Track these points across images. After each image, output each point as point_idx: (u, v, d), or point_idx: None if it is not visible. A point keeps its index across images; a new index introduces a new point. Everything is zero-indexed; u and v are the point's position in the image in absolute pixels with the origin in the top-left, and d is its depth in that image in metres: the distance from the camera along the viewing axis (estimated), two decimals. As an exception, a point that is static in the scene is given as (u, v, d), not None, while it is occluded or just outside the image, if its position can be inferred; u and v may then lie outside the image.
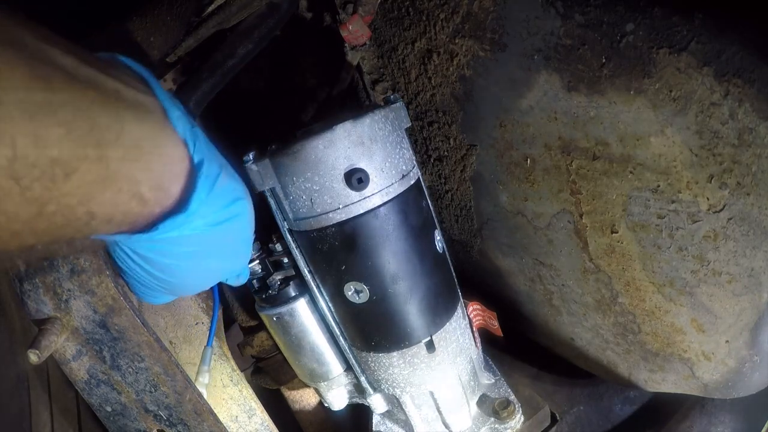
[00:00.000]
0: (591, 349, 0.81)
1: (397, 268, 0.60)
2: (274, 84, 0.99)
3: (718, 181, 0.57)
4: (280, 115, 1.00)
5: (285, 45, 0.87)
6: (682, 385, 0.73)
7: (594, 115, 0.62)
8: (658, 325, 0.69)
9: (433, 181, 0.88)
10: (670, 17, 0.55)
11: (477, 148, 0.77)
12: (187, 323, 0.72)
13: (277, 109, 1.01)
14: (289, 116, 0.98)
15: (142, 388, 0.63)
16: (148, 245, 0.46)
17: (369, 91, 0.87)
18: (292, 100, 1.00)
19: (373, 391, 0.74)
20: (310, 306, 0.69)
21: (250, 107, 0.97)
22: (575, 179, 0.67)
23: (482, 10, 0.68)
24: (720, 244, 0.59)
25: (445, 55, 0.74)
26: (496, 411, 0.74)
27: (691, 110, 0.56)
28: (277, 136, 0.63)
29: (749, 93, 0.53)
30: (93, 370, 0.61)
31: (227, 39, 0.72)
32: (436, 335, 0.66)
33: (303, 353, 0.72)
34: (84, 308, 0.58)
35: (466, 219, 0.87)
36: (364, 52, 0.84)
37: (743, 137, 0.54)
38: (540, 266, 0.79)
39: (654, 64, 0.56)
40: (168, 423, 0.65)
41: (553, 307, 0.82)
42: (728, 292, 0.61)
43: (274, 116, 1.00)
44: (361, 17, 0.77)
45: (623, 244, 0.67)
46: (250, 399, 0.77)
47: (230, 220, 0.50)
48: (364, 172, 0.56)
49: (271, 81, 0.98)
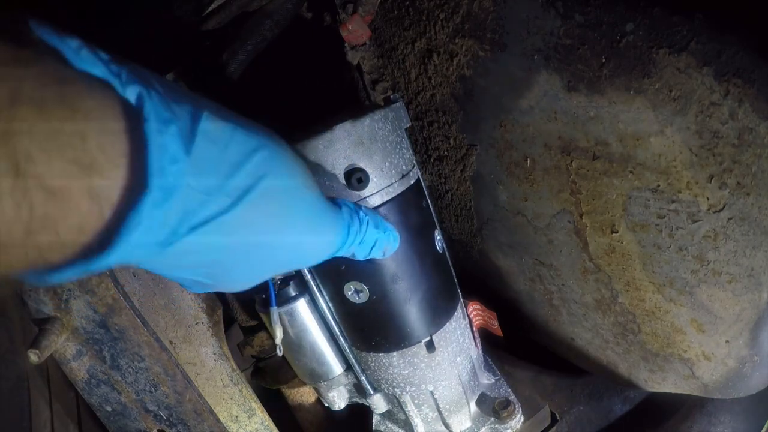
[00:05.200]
0: (591, 349, 0.81)
1: (397, 268, 0.60)
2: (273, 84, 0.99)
3: (718, 181, 0.57)
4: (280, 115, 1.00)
5: (285, 45, 0.87)
6: (682, 385, 0.73)
7: (594, 115, 0.62)
8: (658, 325, 0.69)
9: (433, 181, 0.88)
10: (670, 17, 0.55)
11: (477, 148, 0.77)
12: (187, 323, 0.72)
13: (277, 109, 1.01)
14: (288, 116, 0.98)
15: (142, 388, 0.63)
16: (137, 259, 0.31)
17: (369, 91, 0.87)
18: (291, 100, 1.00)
19: (373, 391, 0.74)
20: (310, 306, 0.69)
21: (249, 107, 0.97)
22: (575, 179, 0.67)
23: (482, 9, 0.68)
24: (720, 244, 0.59)
25: (445, 55, 0.74)
26: (496, 411, 0.74)
27: (691, 110, 0.56)
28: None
29: (749, 93, 0.52)
30: (93, 370, 0.61)
31: (249, 21, 0.72)
32: (436, 335, 0.66)
33: (303, 353, 0.72)
34: (84, 308, 0.58)
35: (466, 219, 0.87)
36: (364, 52, 0.84)
37: (743, 137, 0.54)
38: (540, 266, 0.79)
39: (654, 64, 0.56)
40: (168, 423, 0.65)
41: (553, 307, 0.82)
42: (728, 292, 0.61)
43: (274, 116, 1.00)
44: (361, 17, 0.77)
45: (623, 244, 0.67)
46: (250, 399, 0.77)
47: (254, 189, 0.32)
48: (364, 171, 0.56)
49: (270, 81, 0.98)
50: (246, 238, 0.35)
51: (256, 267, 0.40)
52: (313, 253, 0.45)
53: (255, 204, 0.33)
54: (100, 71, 0.28)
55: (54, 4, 0.64)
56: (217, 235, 0.32)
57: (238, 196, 0.32)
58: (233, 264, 0.37)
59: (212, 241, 0.32)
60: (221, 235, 0.32)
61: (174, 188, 0.28)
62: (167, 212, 0.29)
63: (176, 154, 0.28)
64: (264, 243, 0.37)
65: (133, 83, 0.28)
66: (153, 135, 0.27)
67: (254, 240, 0.35)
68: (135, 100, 0.28)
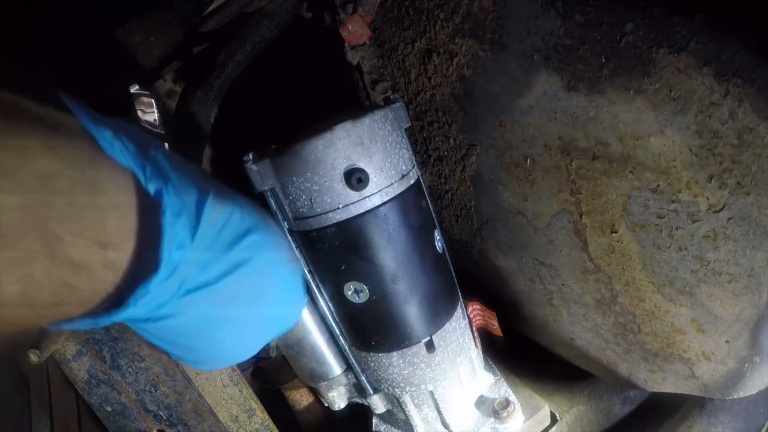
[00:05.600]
0: (591, 349, 0.81)
1: (397, 268, 0.60)
2: (273, 84, 0.99)
3: (718, 181, 0.57)
4: (280, 115, 1.00)
5: (285, 45, 0.88)
6: (682, 385, 0.73)
7: (594, 114, 0.62)
8: (658, 325, 0.69)
9: (433, 181, 0.88)
10: (670, 17, 0.55)
11: (477, 148, 0.77)
12: (187, 323, 0.72)
13: (277, 109, 1.01)
14: (288, 116, 0.98)
15: (142, 388, 0.63)
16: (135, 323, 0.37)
17: (369, 91, 0.87)
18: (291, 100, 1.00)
19: (373, 391, 0.74)
20: (310, 306, 0.69)
21: (249, 107, 0.97)
22: (575, 179, 0.67)
23: (482, 9, 0.68)
24: (720, 244, 0.59)
25: (444, 55, 0.74)
26: (496, 411, 0.74)
27: (690, 110, 0.56)
28: (276, 136, 0.63)
29: (749, 93, 0.52)
30: (93, 370, 0.61)
31: (248, 22, 0.72)
32: (436, 335, 0.66)
33: (303, 353, 0.72)
34: (84, 308, 0.58)
35: (466, 219, 0.87)
36: (364, 52, 0.84)
37: (743, 137, 0.54)
38: (540, 266, 0.79)
39: (654, 64, 0.56)
40: (168, 423, 0.65)
41: (553, 307, 0.82)
42: (728, 292, 0.61)
43: (274, 116, 1.00)
44: (361, 17, 0.77)
45: (623, 243, 0.67)
46: (250, 399, 0.77)
47: (243, 266, 0.38)
48: (364, 171, 0.56)
49: (270, 81, 0.98)
50: (233, 307, 0.40)
51: (237, 338, 0.45)
52: (286, 322, 0.52)
53: (243, 276, 0.39)
54: (126, 161, 0.33)
55: (54, 4, 0.65)
56: (207, 302, 0.37)
57: (228, 269, 0.38)
58: (217, 333, 0.41)
59: (201, 306, 0.37)
60: (210, 302, 0.38)
61: (178, 266, 0.34)
62: (169, 284, 0.34)
63: (183, 241, 0.34)
64: (247, 313, 0.43)
65: (155, 178, 0.34)
66: (167, 226, 0.33)
67: (240, 310, 0.41)
68: (154, 192, 0.34)
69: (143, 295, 0.33)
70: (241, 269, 0.39)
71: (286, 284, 0.47)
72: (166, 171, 0.35)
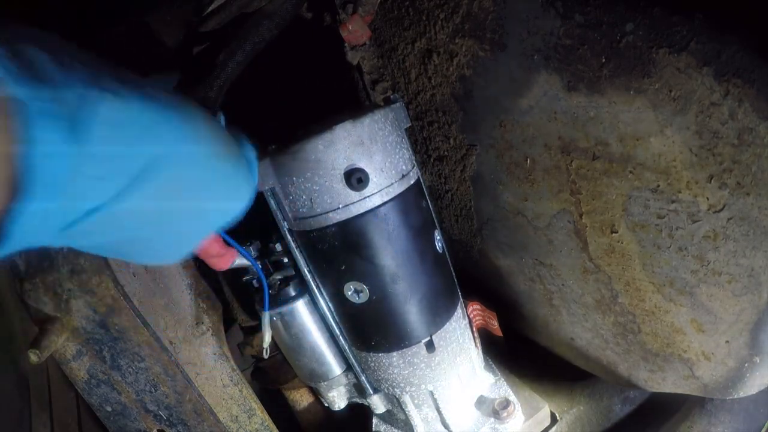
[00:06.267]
0: (591, 349, 0.81)
1: (397, 268, 0.60)
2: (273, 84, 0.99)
3: (718, 181, 0.57)
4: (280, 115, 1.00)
5: (285, 45, 0.88)
6: (682, 385, 0.73)
7: (594, 115, 0.62)
8: (658, 325, 0.69)
9: (433, 181, 0.88)
10: (670, 17, 0.55)
11: (477, 148, 0.77)
12: (187, 323, 0.72)
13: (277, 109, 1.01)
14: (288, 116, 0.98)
15: (142, 388, 0.63)
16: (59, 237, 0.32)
17: (369, 91, 0.87)
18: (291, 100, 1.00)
19: (373, 391, 0.74)
20: (310, 306, 0.69)
21: (249, 107, 0.97)
22: (575, 179, 0.67)
23: (482, 10, 0.68)
24: (720, 244, 0.59)
25: (445, 55, 0.74)
26: (496, 411, 0.74)
27: (690, 110, 0.56)
28: (277, 136, 0.63)
29: (749, 93, 0.52)
30: (93, 370, 0.61)
31: (248, 22, 0.72)
32: (436, 335, 0.66)
33: (303, 353, 0.72)
34: (84, 308, 0.58)
35: (466, 219, 0.87)
36: (364, 52, 0.84)
37: (743, 137, 0.54)
38: (540, 266, 0.79)
39: (654, 64, 0.56)
40: (168, 423, 0.65)
41: (553, 307, 0.82)
42: (728, 292, 0.61)
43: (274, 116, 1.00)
44: (361, 17, 0.77)
45: (623, 244, 0.67)
46: (250, 399, 0.77)
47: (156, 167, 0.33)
48: (364, 172, 0.56)
49: (270, 81, 0.98)
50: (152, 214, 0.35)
51: (174, 238, 0.41)
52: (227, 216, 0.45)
53: (157, 180, 0.33)
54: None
55: (54, 4, 0.64)
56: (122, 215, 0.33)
57: (135, 175, 0.32)
58: (148, 239, 0.38)
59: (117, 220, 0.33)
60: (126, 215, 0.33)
61: (61, 179, 0.28)
62: (55, 204, 0.29)
63: (61, 149, 0.28)
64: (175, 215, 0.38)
65: (23, 79, 0.27)
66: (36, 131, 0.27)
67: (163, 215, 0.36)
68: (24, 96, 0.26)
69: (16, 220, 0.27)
70: (154, 171, 0.33)
71: (217, 178, 0.40)
72: (40, 66, 0.28)
